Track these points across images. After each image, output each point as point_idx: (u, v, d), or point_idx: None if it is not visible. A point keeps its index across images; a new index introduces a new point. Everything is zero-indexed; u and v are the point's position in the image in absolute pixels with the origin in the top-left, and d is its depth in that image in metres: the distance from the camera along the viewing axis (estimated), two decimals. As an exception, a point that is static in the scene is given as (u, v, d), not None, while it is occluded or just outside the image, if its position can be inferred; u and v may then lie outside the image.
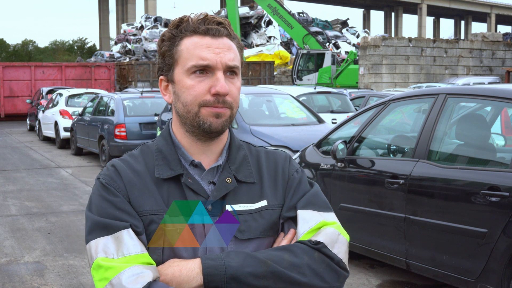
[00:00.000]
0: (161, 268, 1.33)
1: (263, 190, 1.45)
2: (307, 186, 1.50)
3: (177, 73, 1.40)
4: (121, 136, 11.83)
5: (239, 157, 1.47)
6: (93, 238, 1.35)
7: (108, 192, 1.38)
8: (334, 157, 5.12)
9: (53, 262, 5.72)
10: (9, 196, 9.26)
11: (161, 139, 1.47)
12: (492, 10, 76.62)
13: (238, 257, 1.31)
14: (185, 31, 1.39)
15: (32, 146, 16.86)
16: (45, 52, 77.06)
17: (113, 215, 1.35)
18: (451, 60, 26.24)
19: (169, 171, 1.40)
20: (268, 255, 1.33)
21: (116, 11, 67.27)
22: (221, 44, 1.38)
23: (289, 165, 1.52)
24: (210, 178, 1.42)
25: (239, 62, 1.42)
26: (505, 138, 5.60)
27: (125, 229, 1.33)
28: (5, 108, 26.84)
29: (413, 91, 5.13)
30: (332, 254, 1.38)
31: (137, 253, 1.31)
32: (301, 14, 43.74)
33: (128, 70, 27.82)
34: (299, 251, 1.35)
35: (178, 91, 1.40)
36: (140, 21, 46.11)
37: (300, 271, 1.33)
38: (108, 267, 1.29)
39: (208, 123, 1.37)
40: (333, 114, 11.76)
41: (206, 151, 1.44)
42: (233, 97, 1.39)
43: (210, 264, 1.30)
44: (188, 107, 1.38)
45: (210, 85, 1.36)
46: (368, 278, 5.14)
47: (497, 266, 3.73)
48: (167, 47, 1.41)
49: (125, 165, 1.43)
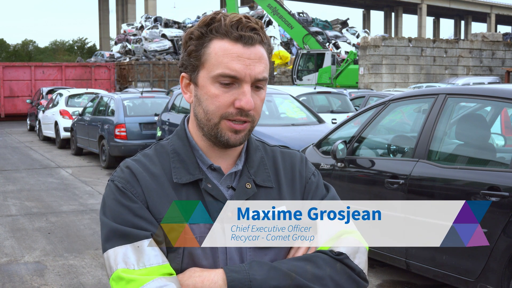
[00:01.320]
0: (181, 278, 1.29)
1: (281, 195, 1.42)
2: (323, 190, 1.47)
3: (202, 76, 1.33)
4: (121, 136, 11.83)
5: (256, 160, 1.43)
6: (111, 246, 1.28)
7: (125, 197, 1.32)
8: (334, 157, 5.12)
9: (53, 262, 5.72)
10: (9, 196, 9.26)
11: (177, 139, 1.41)
12: (492, 10, 76.60)
13: (262, 269, 1.28)
14: (216, 33, 1.31)
15: (32, 146, 16.86)
16: (45, 52, 77.05)
17: (132, 222, 1.29)
18: (451, 60, 26.24)
19: (188, 175, 1.35)
20: (291, 266, 1.30)
21: (116, 11, 67.29)
22: (252, 54, 1.30)
23: (306, 167, 1.49)
24: (229, 183, 1.38)
25: (268, 72, 1.35)
26: (505, 138, 5.60)
27: (146, 239, 1.27)
28: (5, 108, 26.84)
29: (413, 91, 5.14)
30: (353, 265, 1.36)
31: (159, 264, 1.26)
32: (301, 14, 43.74)
33: (128, 70, 27.83)
34: (321, 262, 1.33)
35: (201, 96, 1.33)
36: (140, 21, 46.11)
37: (323, 283, 1.31)
38: (130, 279, 1.24)
39: (226, 137, 1.32)
40: (333, 114, 11.76)
41: (224, 155, 1.40)
42: (257, 110, 1.34)
43: (235, 277, 1.26)
44: (209, 116, 1.32)
45: (235, 97, 1.30)
46: (368, 278, 5.14)
47: (497, 266, 3.73)
48: (194, 47, 1.33)
49: (141, 168, 1.36)
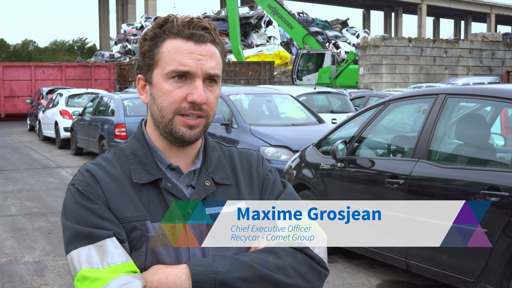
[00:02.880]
0: (145, 275, 1.31)
1: (240, 192, 1.45)
2: (281, 186, 1.51)
3: (156, 75, 1.37)
4: (121, 136, 11.83)
5: (214, 159, 1.47)
6: (74, 248, 1.30)
7: (85, 199, 1.33)
8: (334, 157, 5.13)
9: (53, 262, 5.72)
10: (9, 196, 9.26)
11: (135, 142, 1.44)
12: (492, 10, 76.61)
13: (225, 262, 1.31)
14: (169, 33, 1.36)
15: (32, 146, 16.86)
16: (45, 52, 77.06)
17: (94, 223, 1.30)
18: (451, 60, 26.24)
19: (147, 175, 1.38)
20: (254, 258, 1.34)
21: (116, 11, 67.30)
22: (204, 51, 1.35)
23: (263, 165, 1.53)
24: (188, 181, 1.41)
25: (221, 70, 1.39)
26: (505, 138, 5.60)
27: (108, 238, 1.29)
28: (5, 108, 26.85)
29: (413, 91, 5.14)
30: (313, 255, 1.39)
31: (122, 262, 1.28)
32: (301, 14, 43.73)
33: (128, 70, 27.82)
34: (282, 253, 1.37)
35: (155, 94, 1.37)
36: (140, 21, 46.09)
37: (285, 272, 1.34)
38: (94, 278, 1.25)
39: (180, 133, 1.36)
40: (333, 114, 11.76)
41: (181, 154, 1.43)
42: (210, 105, 1.37)
43: (198, 270, 1.29)
44: (163, 112, 1.36)
45: (187, 92, 1.34)
46: (368, 278, 5.14)
47: (497, 266, 3.73)
48: (148, 47, 1.38)
49: (101, 170, 1.38)
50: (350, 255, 5.63)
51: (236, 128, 8.51)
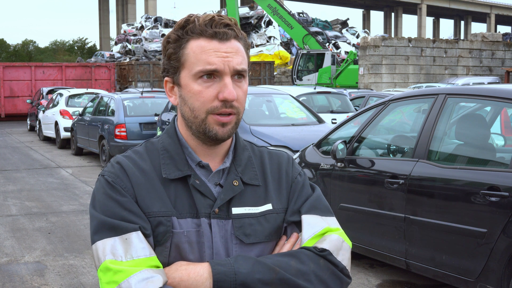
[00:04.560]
0: (168, 271, 1.32)
1: (267, 193, 1.45)
2: (309, 190, 1.50)
3: (184, 76, 1.37)
4: (121, 136, 11.84)
5: (244, 159, 1.46)
6: (99, 238, 1.32)
7: (114, 191, 1.35)
8: (334, 157, 5.13)
9: (53, 262, 5.73)
10: (9, 196, 9.26)
11: (166, 137, 1.45)
12: (491, 10, 76.62)
13: (247, 263, 1.31)
14: (192, 33, 1.36)
15: (33, 146, 16.86)
16: (45, 52, 77.07)
17: (121, 215, 1.32)
18: (450, 60, 26.25)
19: (177, 171, 1.39)
20: (276, 261, 1.34)
21: (116, 11, 67.29)
22: (229, 48, 1.35)
23: (293, 167, 1.52)
24: (216, 180, 1.41)
25: (247, 64, 1.40)
26: (505, 138, 5.61)
27: (134, 231, 1.30)
28: (5, 108, 26.85)
29: (412, 91, 5.14)
30: (336, 262, 1.39)
31: (146, 256, 1.29)
32: (301, 14, 43.75)
33: (128, 70, 27.83)
34: (305, 258, 1.36)
35: (185, 95, 1.38)
36: (140, 21, 46.11)
37: (307, 278, 1.33)
38: (117, 270, 1.27)
39: (214, 131, 1.36)
40: (333, 114, 11.77)
41: (212, 153, 1.43)
42: (240, 101, 1.38)
43: (220, 270, 1.29)
44: (195, 113, 1.36)
45: (217, 90, 1.34)
46: (368, 278, 5.15)
47: (496, 266, 3.73)
48: (172, 50, 1.38)
49: (131, 163, 1.40)
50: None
51: (236, 128, 8.50)
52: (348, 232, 1.55)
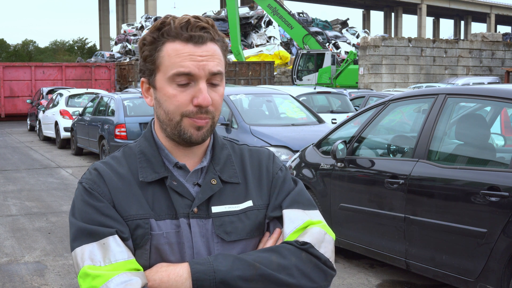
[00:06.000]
0: (148, 273, 1.32)
1: (248, 190, 1.44)
2: (291, 184, 1.49)
3: (159, 79, 1.36)
4: (121, 136, 11.84)
5: (223, 157, 1.46)
6: (78, 245, 1.32)
7: (91, 197, 1.35)
8: (334, 157, 5.13)
9: (53, 262, 5.73)
10: (9, 196, 9.26)
11: (143, 141, 1.45)
12: (491, 10, 76.63)
13: (227, 261, 1.31)
14: (167, 36, 1.35)
15: (33, 146, 16.87)
16: (45, 52, 77.08)
17: (98, 221, 1.32)
18: (450, 60, 26.25)
19: (153, 174, 1.39)
20: (256, 257, 1.33)
21: (116, 11, 67.31)
22: (204, 52, 1.34)
23: (273, 163, 1.51)
24: (194, 179, 1.41)
25: (223, 67, 1.38)
26: (505, 138, 5.61)
27: (111, 236, 1.30)
28: (5, 108, 26.86)
29: (412, 91, 5.14)
30: (319, 254, 1.38)
31: (124, 260, 1.29)
32: (301, 14, 43.74)
33: (128, 70, 27.83)
34: (286, 252, 1.35)
35: (160, 98, 1.37)
36: (140, 21, 46.11)
37: (288, 272, 1.33)
38: (96, 275, 1.27)
39: (188, 134, 1.36)
40: (333, 114, 11.77)
41: (189, 153, 1.43)
42: (216, 105, 1.37)
43: (199, 268, 1.29)
44: (170, 116, 1.36)
45: (192, 95, 1.34)
46: (368, 278, 5.15)
47: (496, 266, 3.74)
48: (148, 52, 1.37)
49: (108, 169, 1.40)
50: (350, 255, 5.63)
51: (236, 128, 8.51)
52: (348, 232, 1.55)
